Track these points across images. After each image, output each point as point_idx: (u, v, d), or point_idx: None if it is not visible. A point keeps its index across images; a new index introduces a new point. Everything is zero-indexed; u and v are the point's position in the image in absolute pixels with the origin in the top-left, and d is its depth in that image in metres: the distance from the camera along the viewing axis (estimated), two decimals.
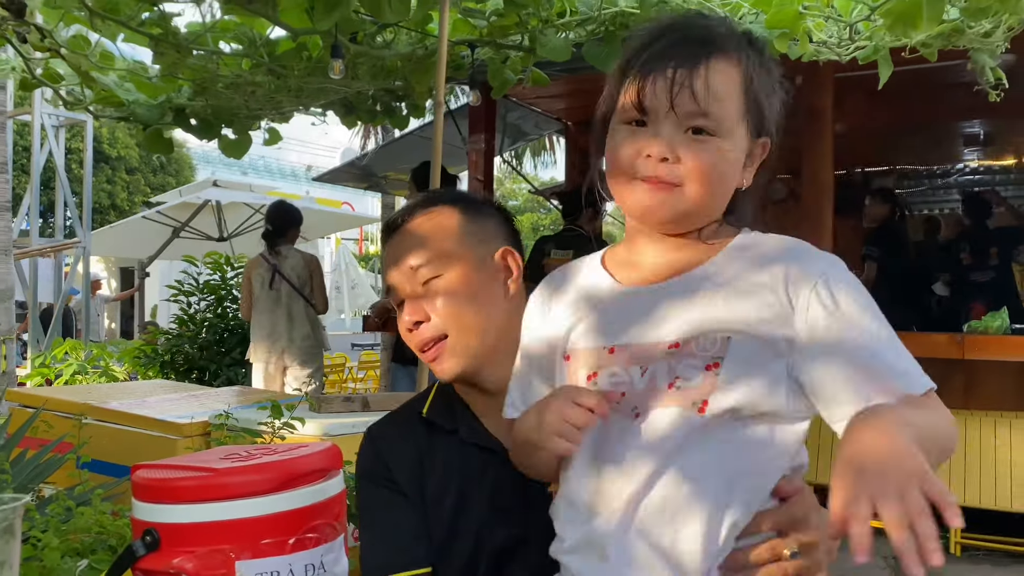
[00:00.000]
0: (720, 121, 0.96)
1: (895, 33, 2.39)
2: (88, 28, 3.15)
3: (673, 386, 0.96)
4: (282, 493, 1.75)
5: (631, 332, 1.00)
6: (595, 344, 1.03)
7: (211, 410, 3.49)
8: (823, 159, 4.98)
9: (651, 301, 1.01)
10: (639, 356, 0.99)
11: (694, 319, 0.97)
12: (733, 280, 0.98)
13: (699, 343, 0.96)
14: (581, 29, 3.47)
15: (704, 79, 0.94)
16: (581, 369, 1.03)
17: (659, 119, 0.96)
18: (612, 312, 1.04)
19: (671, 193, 0.96)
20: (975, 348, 4.22)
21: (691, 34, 0.98)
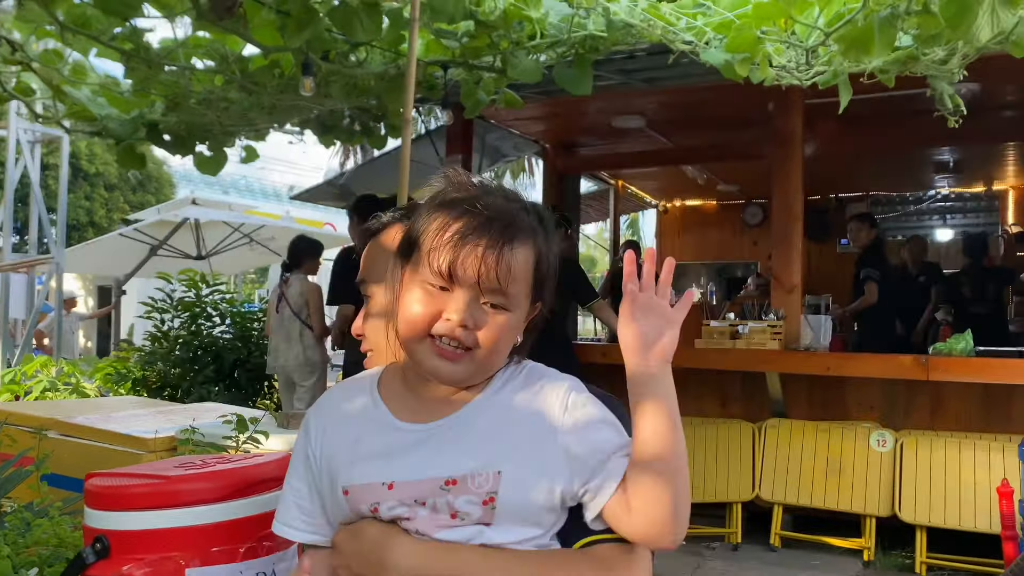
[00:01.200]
0: (513, 298, 1.08)
1: (849, 58, 2.45)
2: (59, 42, 3.17)
3: (456, 516, 1.07)
4: (234, 501, 1.76)
5: (409, 468, 1.08)
6: (373, 479, 1.09)
7: (178, 425, 3.48)
8: (793, 184, 5.06)
9: (425, 438, 1.10)
10: (417, 491, 1.07)
11: (467, 456, 1.07)
12: (500, 415, 1.10)
13: (474, 480, 1.06)
14: (552, 51, 3.52)
15: (508, 263, 1.06)
16: (362, 504, 1.10)
17: (463, 289, 1.06)
18: (389, 448, 1.11)
19: (463, 359, 1.07)
20: (939, 370, 4.27)
21: (499, 217, 1.08)
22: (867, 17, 2.24)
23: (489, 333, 1.07)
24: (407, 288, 1.10)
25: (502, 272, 1.05)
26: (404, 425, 1.12)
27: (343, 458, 1.12)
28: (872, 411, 4.79)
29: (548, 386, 1.12)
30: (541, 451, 1.07)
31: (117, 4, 2.74)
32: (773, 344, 4.78)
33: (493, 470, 1.05)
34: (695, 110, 6.09)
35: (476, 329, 1.06)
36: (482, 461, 1.06)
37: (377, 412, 1.14)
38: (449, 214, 1.08)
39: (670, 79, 4.88)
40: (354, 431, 1.14)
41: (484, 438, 1.08)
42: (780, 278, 5.04)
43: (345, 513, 1.13)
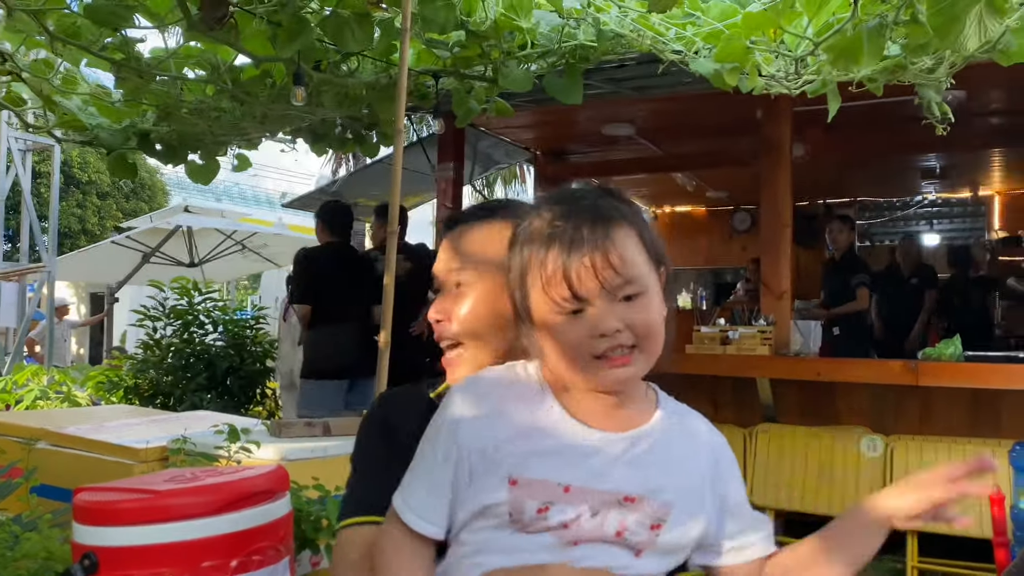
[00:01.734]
0: (641, 279, 1.06)
1: (838, 67, 2.47)
2: (50, 52, 3.17)
3: (621, 535, 1.06)
4: (224, 515, 1.76)
5: (589, 476, 1.06)
6: (549, 478, 1.05)
7: (170, 435, 3.47)
8: (782, 191, 5.07)
9: (606, 450, 1.08)
10: (592, 500, 1.05)
11: (645, 478, 1.07)
12: (674, 448, 1.11)
13: (649, 503, 1.06)
14: (542, 61, 3.53)
15: (617, 253, 1.05)
16: (530, 500, 1.05)
17: (596, 300, 1.04)
18: (568, 450, 1.08)
19: (632, 361, 1.06)
20: (929, 375, 4.29)
21: (579, 219, 1.06)
22: (856, 27, 2.26)
23: (644, 323, 1.05)
24: (545, 331, 1.07)
25: (617, 263, 1.04)
26: (584, 428, 1.09)
27: (512, 447, 1.07)
28: (862, 416, 4.81)
29: (713, 434, 1.17)
30: (708, 496, 1.11)
31: (107, 14, 2.74)
32: (763, 350, 4.80)
33: (668, 498, 1.07)
34: (684, 118, 6.13)
35: (631, 327, 1.04)
36: (662, 487, 1.07)
37: (553, 411, 1.10)
38: (540, 244, 1.07)
39: (659, 88, 4.91)
40: (524, 419, 1.09)
41: (667, 464, 1.09)
42: (769, 284, 5.06)
43: (496, 509, 1.06)
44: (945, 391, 4.52)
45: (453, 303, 1.32)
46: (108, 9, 2.74)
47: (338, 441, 3.53)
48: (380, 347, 2.95)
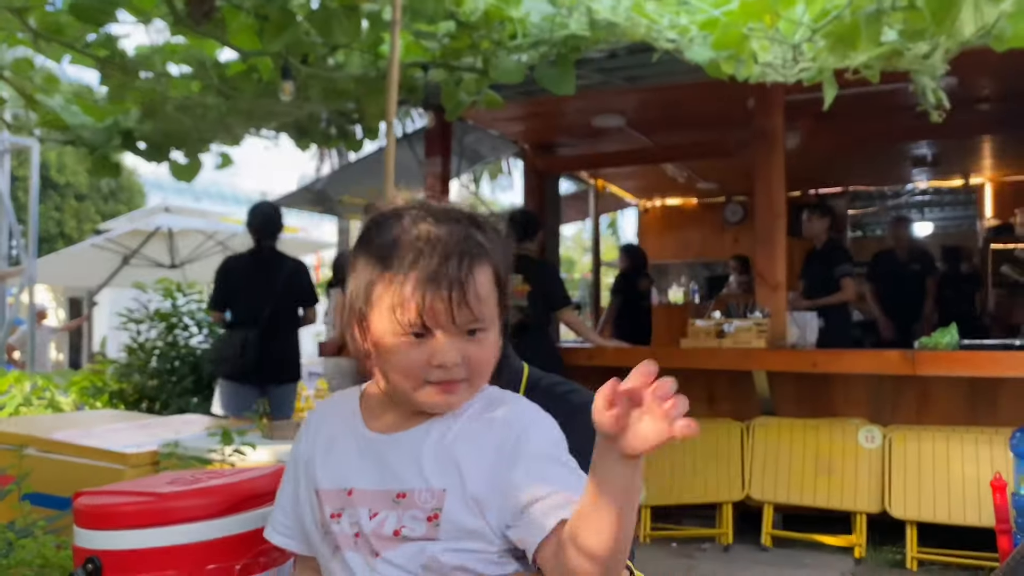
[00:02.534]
0: (488, 318, 1.10)
1: (836, 54, 2.44)
2: (32, 50, 3.09)
3: (399, 533, 1.09)
4: (228, 517, 1.70)
5: (367, 477, 1.12)
6: (337, 485, 1.14)
7: (160, 439, 3.40)
8: (775, 181, 5.06)
9: (384, 449, 1.13)
10: (371, 501, 1.11)
11: (418, 471, 1.10)
12: (455, 438, 1.11)
13: (420, 495, 1.09)
14: (533, 51, 3.48)
15: (474, 291, 1.07)
16: (327, 506, 1.14)
17: (442, 331, 1.07)
18: (353, 455, 1.15)
19: (460, 390, 1.11)
20: (926, 364, 4.28)
21: (448, 250, 1.07)
22: (854, 13, 2.23)
23: (479, 359, 1.10)
24: (382, 343, 1.09)
25: (472, 301, 1.07)
26: (370, 434, 1.16)
27: (319, 460, 1.18)
28: (859, 407, 4.80)
29: (505, 416, 1.13)
30: (486, 478, 1.08)
31: (92, 10, 2.67)
32: (759, 342, 4.78)
33: (439, 487, 1.08)
34: (675, 109, 6.09)
35: (466, 362, 1.09)
36: (431, 477, 1.09)
37: (354, 419, 1.19)
38: (399, 260, 1.07)
39: (651, 78, 4.87)
40: (332, 435, 1.19)
41: (436, 455, 1.10)
42: (764, 275, 5.04)
43: (315, 520, 1.17)
44: (942, 380, 4.51)
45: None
46: (93, 5, 2.67)
47: None
48: None
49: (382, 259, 1.09)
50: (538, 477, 1.06)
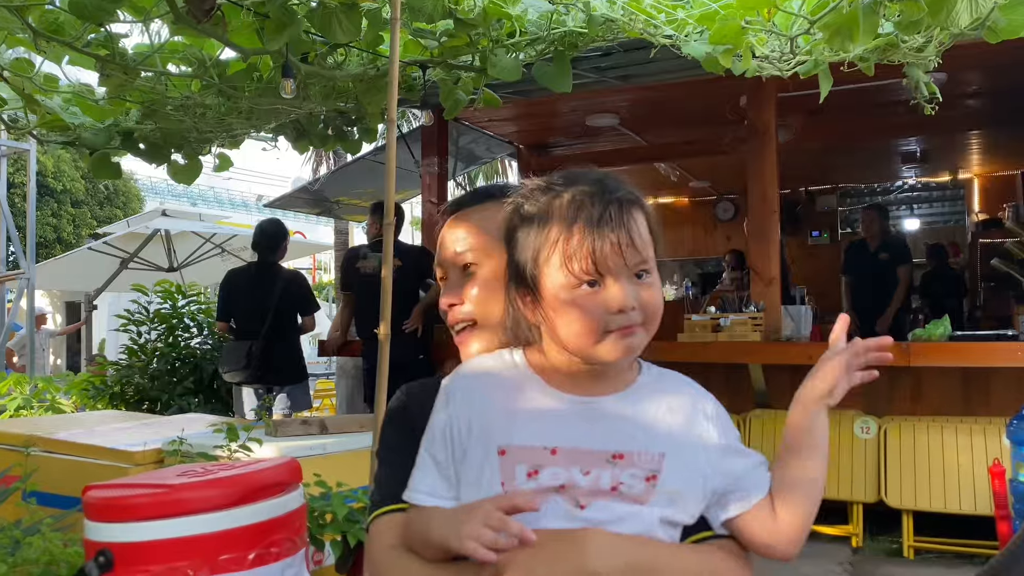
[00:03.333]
0: (653, 259, 1.12)
1: (833, 46, 2.47)
2: (32, 50, 3.10)
3: (616, 490, 1.09)
4: (241, 507, 1.73)
5: (574, 437, 1.11)
6: (536, 443, 1.11)
7: (163, 437, 3.42)
8: (768, 177, 5.09)
9: (591, 412, 1.13)
10: (581, 460, 1.10)
11: (632, 435, 1.11)
12: (658, 404, 1.15)
13: (639, 456, 1.10)
14: (531, 49, 3.51)
15: (638, 231, 1.10)
16: (520, 465, 1.10)
17: (615, 276, 1.09)
18: (551, 416, 1.13)
19: (636, 335, 1.10)
20: (920, 355, 4.32)
21: (612, 196, 1.11)
22: (851, 4, 2.26)
23: (651, 302, 1.10)
24: (558, 307, 1.10)
25: (638, 242, 1.09)
26: (566, 396, 1.14)
27: (498, 421, 1.13)
28: (854, 398, 4.83)
29: (695, 391, 1.19)
30: (698, 444, 1.13)
31: (92, 8, 2.68)
32: (755, 336, 4.82)
33: (657, 451, 1.11)
34: (668, 107, 6.14)
35: (641, 307, 1.09)
36: (648, 441, 1.11)
37: (532, 382, 1.16)
38: (560, 220, 1.10)
39: (644, 76, 4.92)
40: (509, 396, 1.15)
41: (651, 420, 1.13)
42: (759, 270, 5.08)
43: (488, 480, 1.11)
44: (936, 371, 4.56)
45: (464, 286, 1.33)
46: (93, 3, 2.68)
47: (336, 439, 3.50)
48: (380, 339, 2.93)
49: (542, 223, 1.12)
50: (738, 446, 1.16)
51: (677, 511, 1.12)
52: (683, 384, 1.20)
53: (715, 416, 1.17)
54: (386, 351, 2.91)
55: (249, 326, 5.41)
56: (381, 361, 2.88)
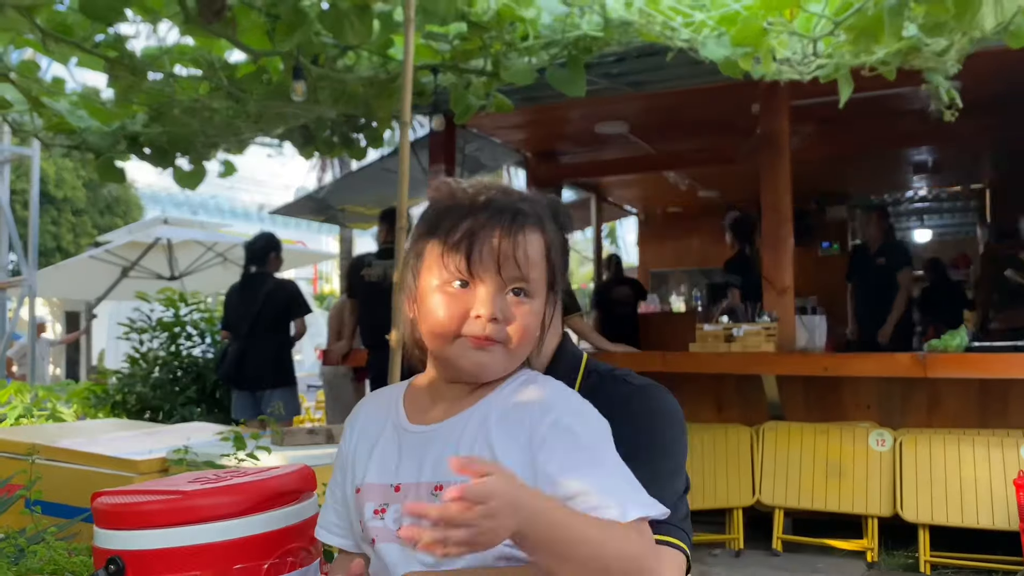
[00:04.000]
0: (534, 283, 1.08)
1: (858, 49, 2.42)
2: (40, 52, 3.06)
3: None
4: (256, 515, 1.66)
5: (410, 471, 1.11)
6: (382, 480, 1.13)
7: (168, 446, 3.35)
8: (782, 186, 5.04)
9: (423, 441, 1.11)
10: (411, 494, 1.10)
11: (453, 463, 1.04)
12: (487, 427, 1.08)
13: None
14: (544, 53, 3.46)
15: (524, 247, 1.07)
16: (368, 503, 1.13)
17: (484, 282, 1.06)
18: (399, 450, 1.13)
19: (493, 352, 1.07)
20: (937, 366, 4.26)
21: (505, 208, 1.08)
22: (877, 5, 2.21)
23: (518, 322, 1.07)
24: (425, 298, 1.10)
25: (520, 257, 1.06)
26: (413, 427, 1.14)
27: (361, 457, 1.17)
28: (869, 410, 4.77)
29: (542, 399, 1.10)
30: (520, 466, 1.04)
31: (102, 8, 2.64)
32: (768, 346, 4.75)
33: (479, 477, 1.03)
34: (679, 114, 6.09)
35: (506, 322, 1.06)
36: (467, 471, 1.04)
37: (396, 414, 1.17)
38: (453, 217, 1.09)
39: (656, 82, 4.87)
40: (375, 432, 1.17)
41: (472, 444, 1.07)
42: (772, 280, 5.02)
43: (356, 517, 1.15)
44: (952, 383, 4.49)
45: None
46: (103, 3, 2.64)
47: None
48: (392, 346, 2.87)
49: (436, 222, 1.10)
50: (572, 472, 1.03)
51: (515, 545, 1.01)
52: (532, 395, 1.11)
53: (549, 433, 1.05)
54: (398, 358, 2.86)
55: (237, 332, 5.69)
56: (393, 367, 2.83)
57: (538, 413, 1.08)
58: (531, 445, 1.06)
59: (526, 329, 1.08)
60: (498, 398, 1.11)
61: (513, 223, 1.07)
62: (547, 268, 1.10)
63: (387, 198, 6.90)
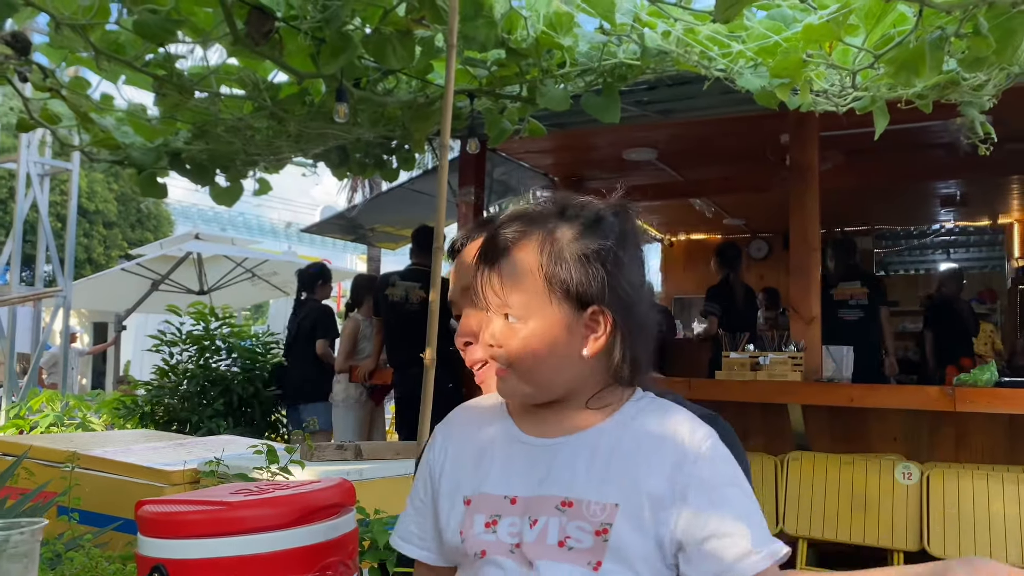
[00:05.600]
0: (521, 306, 1.05)
1: (899, 81, 2.44)
2: (92, 69, 3.15)
3: (564, 544, 1.01)
4: (298, 528, 1.69)
5: (531, 484, 1.06)
6: (497, 492, 1.08)
7: (200, 458, 3.40)
8: (810, 215, 5.05)
9: (546, 455, 1.07)
10: (533, 508, 1.05)
11: (584, 480, 1.04)
12: (620, 447, 1.05)
13: (588, 507, 1.02)
14: (580, 80, 3.51)
15: (499, 275, 1.06)
16: (479, 515, 1.08)
17: (482, 311, 1.10)
18: (514, 462, 1.09)
19: (509, 378, 1.08)
20: (966, 401, 4.23)
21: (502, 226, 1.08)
22: (919, 38, 2.23)
23: (510, 347, 1.06)
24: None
25: (495, 285, 1.06)
26: (530, 439, 1.10)
27: (467, 468, 1.12)
28: (895, 443, 4.74)
29: (680, 426, 1.07)
30: (662, 498, 1.01)
31: (155, 28, 2.71)
32: (795, 375, 4.74)
33: (611, 501, 1.01)
34: (707, 143, 6.13)
35: (500, 345, 1.07)
36: (601, 488, 1.03)
37: (505, 425, 1.14)
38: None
39: (686, 111, 4.91)
40: (482, 441, 1.13)
41: (608, 466, 1.04)
42: (799, 309, 5.02)
43: (456, 529, 1.10)
44: (980, 417, 4.46)
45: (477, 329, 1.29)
46: (156, 23, 2.72)
47: (372, 464, 3.47)
48: (426, 365, 2.90)
49: None
50: (720, 505, 1.01)
51: (639, 566, 1.00)
52: (668, 419, 1.08)
53: (699, 459, 1.03)
54: (430, 377, 2.89)
55: (285, 352, 6.58)
56: (426, 386, 2.85)
57: (677, 442, 1.05)
58: (677, 477, 1.02)
59: (521, 351, 1.05)
60: (627, 419, 1.08)
61: (496, 244, 1.07)
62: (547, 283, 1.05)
63: (415, 219, 6.97)
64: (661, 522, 1.01)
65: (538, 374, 1.07)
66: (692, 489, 1.02)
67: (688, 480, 1.02)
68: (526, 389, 1.08)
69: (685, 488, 1.02)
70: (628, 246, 1.10)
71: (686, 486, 1.02)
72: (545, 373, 1.07)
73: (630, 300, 1.07)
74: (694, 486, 1.02)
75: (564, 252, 1.05)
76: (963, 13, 2.27)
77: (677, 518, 1.01)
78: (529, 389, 1.08)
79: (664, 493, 1.02)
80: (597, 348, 1.07)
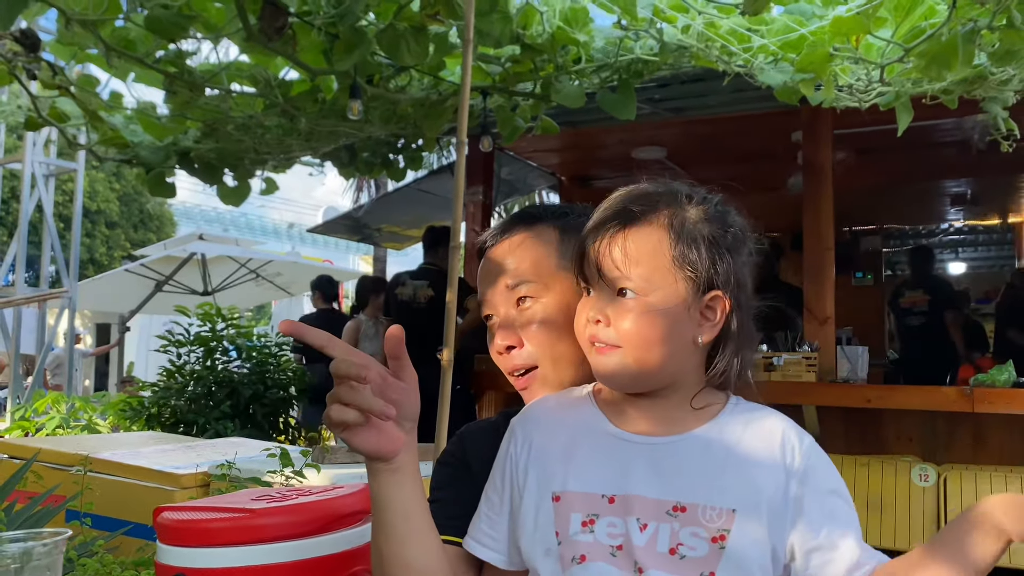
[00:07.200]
0: (641, 280, 1.00)
1: (929, 75, 2.39)
2: (103, 67, 3.10)
3: (675, 552, 0.96)
4: (323, 536, 1.64)
5: (633, 484, 1.00)
6: (592, 489, 1.01)
7: (210, 460, 3.34)
8: (824, 215, 5.00)
9: (655, 454, 1.01)
10: (638, 510, 0.98)
11: (700, 484, 0.98)
12: (736, 449, 1.00)
13: (704, 512, 0.97)
14: (595, 76, 3.47)
15: (622, 246, 1.00)
16: (575, 513, 1.01)
17: (595, 287, 1.03)
18: (612, 459, 1.03)
19: (615, 355, 1.01)
20: (984, 401, 4.18)
21: (623, 204, 1.04)
22: (951, 31, 2.18)
23: (622, 321, 1.00)
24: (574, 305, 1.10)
25: (617, 256, 1.00)
26: (629, 435, 1.03)
27: (556, 464, 1.05)
28: (911, 444, 4.69)
29: (788, 433, 1.03)
30: (779, 505, 0.98)
31: (166, 25, 2.67)
32: (809, 376, 4.68)
33: (727, 506, 0.96)
34: (717, 141, 6.07)
35: (610, 324, 1.00)
36: (717, 494, 0.97)
37: (596, 420, 1.07)
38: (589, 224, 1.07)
39: (698, 108, 4.87)
40: (570, 436, 1.06)
41: (723, 468, 0.99)
42: (813, 310, 4.97)
43: (543, 528, 1.02)
44: (997, 418, 4.41)
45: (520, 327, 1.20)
46: (168, 19, 2.67)
47: None
48: (443, 365, 2.85)
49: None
50: (829, 515, 0.98)
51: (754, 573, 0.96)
52: (773, 424, 1.04)
53: (809, 467, 1.00)
54: (448, 379, 2.83)
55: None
56: (444, 388, 2.80)
57: (787, 448, 1.01)
58: (791, 482, 0.99)
59: (629, 327, 0.99)
60: (733, 423, 1.03)
61: (619, 219, 1.02)
62: (672, 261, 0.99)
63: (423, 218, 6.92)
64: (776, 530, 0.97)
65: (649, 354, 1.00)
66: (806, 498, 0.98)
67: (802, 489, 0.99)
68: (633, 368, 1.00)
69: (800, 497, 0.98)
70: (748, 240, 1.09)
71: (800, 495, 0.98)
72: (657, 354, 1.00)
73: (747, 294, 1.05)
74: (808, 495, 0.98)
75: (695, 232, 1.01)
76: (996, 5, 2.22)
77: (792, 527, 0.98)
78: (636, 368, 1.00)
79: (779, 500, 0.98)
80: (712, 335, 1.03)
